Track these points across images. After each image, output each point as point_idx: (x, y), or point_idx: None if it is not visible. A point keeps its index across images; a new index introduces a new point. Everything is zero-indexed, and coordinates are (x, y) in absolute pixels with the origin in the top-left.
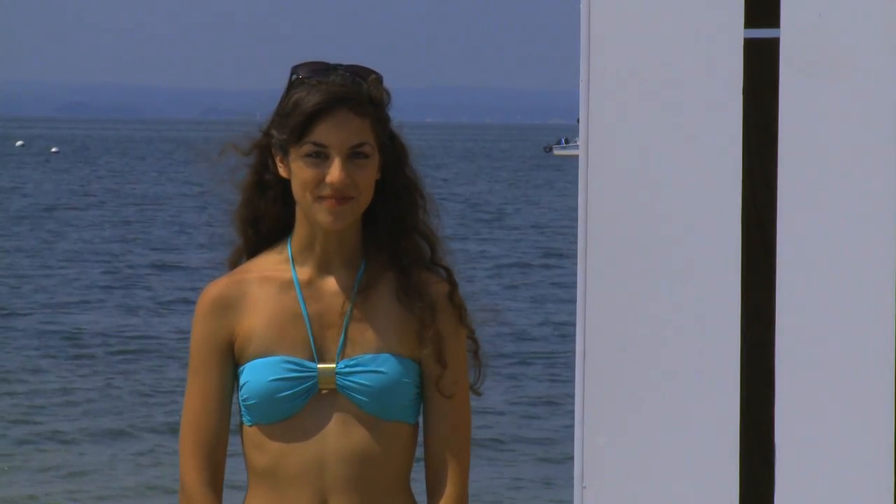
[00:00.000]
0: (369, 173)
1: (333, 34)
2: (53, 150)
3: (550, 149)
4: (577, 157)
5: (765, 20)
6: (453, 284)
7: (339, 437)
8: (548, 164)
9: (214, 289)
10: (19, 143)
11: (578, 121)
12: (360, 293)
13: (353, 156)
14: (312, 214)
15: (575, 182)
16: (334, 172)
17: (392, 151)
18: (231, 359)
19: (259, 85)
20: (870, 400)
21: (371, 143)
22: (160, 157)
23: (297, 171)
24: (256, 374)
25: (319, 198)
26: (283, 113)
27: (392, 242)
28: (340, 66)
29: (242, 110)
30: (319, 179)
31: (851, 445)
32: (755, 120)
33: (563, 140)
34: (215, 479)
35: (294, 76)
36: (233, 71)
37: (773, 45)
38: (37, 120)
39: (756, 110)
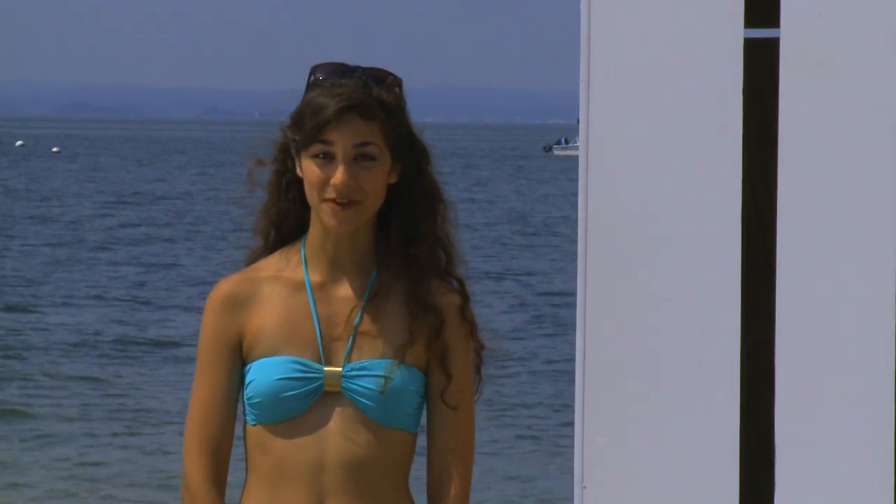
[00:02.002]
0: (376, 176)
1: (334, 34)
2: (55, 149)
3: (550, 149)
4: (577, 157)
5: (765, 20)
6: (465, 297)
7: (339, 440)
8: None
9: (226, 285)
10: (19, 142)
11: (578, 121)
12: (370, 299)
13: (360, 158)
14: (320, 215)
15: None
16: (338, 175)
17: (411, 155)
18: (239, 356)
19: (259, 85)
20: (870, 400)
21: (378, 144)
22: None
23: (306, 171)
24: (263, 373)
25: (325, 199)
26: (298, 114)
27: (405, 249)
28: (359, 68)
29: (242, 110)
30: (325, 181)
31: (851, 445)
32: (755, 120)
33: (563, 140)
34: (219, 475)
35: (312, 77)
36: (233, 71)
37: (773, 45)
38: (37, 120)
39: (756, 110)
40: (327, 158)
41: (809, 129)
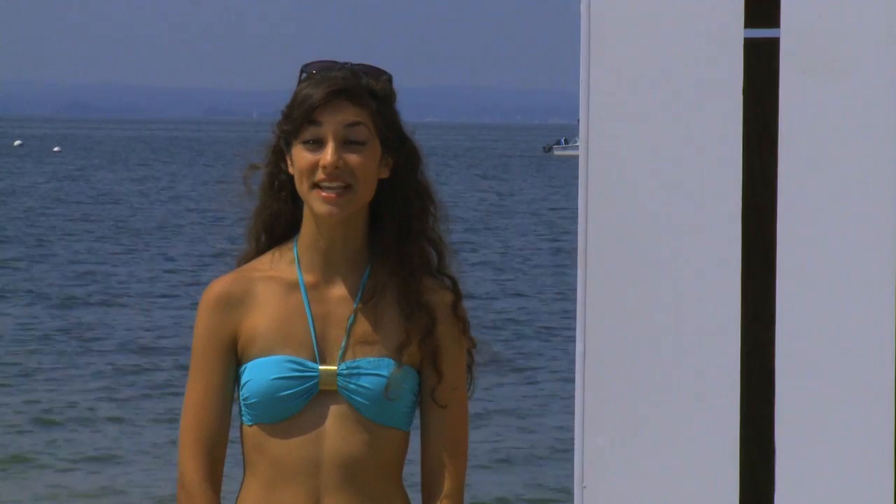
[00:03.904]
0: (366, 161)
1: (334, 34)
2: (56, 149)
3: (550, 149)
4: (577, 157)
5: (765, 20)
6: (457, 295)
7: (335, 438)
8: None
9: (219, 285)
10: (17, 142)
11: (578, 121)
12: (364, 297)
13: (349, 142)
14: (310, 203)
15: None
16: (327, 154)
17: (402, 153)
18: (234, 355)
19: (259, 85)
20: (870, 400)
21: (368, 127)
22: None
23: (296, 158)
24: (258, 373)
25: (315, 185)
26: (289, 106)
27: (398, 247)
28: (349, 63)
29: (242, 110)
30: (315, 164)
31: (851, 445)
32: (755, 120)
33: (563, 140)
34: (215, 474)
35: (303, 74)
36: (233, 71)
37: (773, 45)
38: (37, 120)
39: (756, 110)
40: (317, 144)
41: (809, 129)
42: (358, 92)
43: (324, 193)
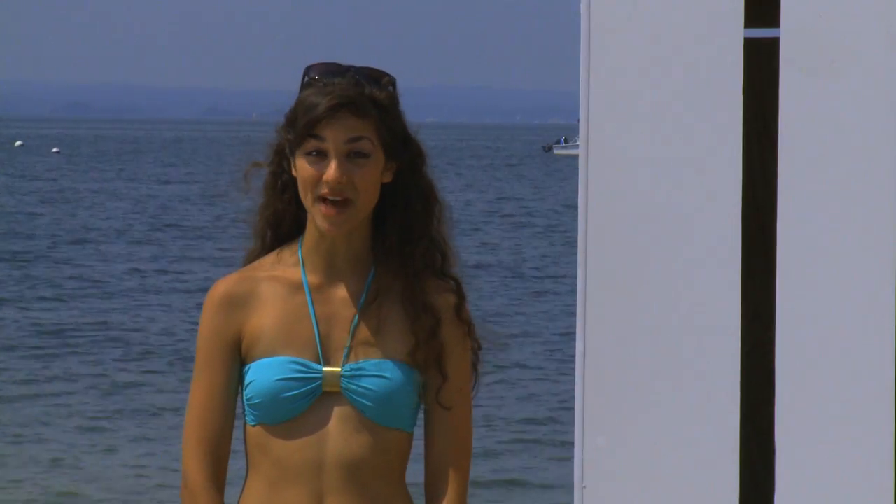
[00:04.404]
0: (369, 173)
1: (335, 34)
2: (54, 150)
3: (550, 148)
4: (577, 156)
5: (765, 20)
6: (461, 297)
7: (338, 440)
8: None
9: (224, 285)
10: (18, 143)
11: (578, 121)
12: (368, 299)
13: (352, 154)
14: (313, 215)
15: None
16: (330, 170)
17: (405, 154)
18: (238, 355)
19: (259, 85)
20: (870, 400)
21: (371, 140)
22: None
23: (299, 169)
24: (262, 374)
25: (318, 198)
26: (292, 113)
27: (401, 249)
28: (353, 68)
29: (242, 110)
30: (318, 178)
31: (852, 446)
32: (755, 120)
33: (562, 140)
34: (218, 474)
35: (306, 77)
36: (233, 71)
37: (773, 45)
38: (37, 120)
39: (756, 110)
40: (320, 156)
41: (809, 129)
42: (361, 103)
43: (324, 209)
